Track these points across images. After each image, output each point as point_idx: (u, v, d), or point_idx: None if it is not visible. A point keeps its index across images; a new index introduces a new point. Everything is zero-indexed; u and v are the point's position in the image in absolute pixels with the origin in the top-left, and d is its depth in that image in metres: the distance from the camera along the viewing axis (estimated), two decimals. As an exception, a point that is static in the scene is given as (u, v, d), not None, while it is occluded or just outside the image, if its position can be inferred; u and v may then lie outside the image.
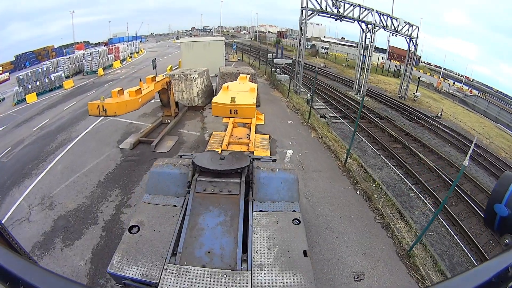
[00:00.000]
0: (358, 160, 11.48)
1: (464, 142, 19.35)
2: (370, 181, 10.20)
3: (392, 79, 39.12)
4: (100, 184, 9.67)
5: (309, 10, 19.28)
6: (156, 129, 13.75)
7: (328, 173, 10.61)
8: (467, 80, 60.83)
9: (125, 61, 40.94)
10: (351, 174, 10.59)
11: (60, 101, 21.79)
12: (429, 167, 14.37)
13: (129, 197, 9.00)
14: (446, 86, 44.26)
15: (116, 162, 11.02)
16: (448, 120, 25.11)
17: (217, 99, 8.12)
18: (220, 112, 7.85)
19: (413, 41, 25.95)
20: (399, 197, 10.72)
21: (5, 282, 0.64)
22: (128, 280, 3.75)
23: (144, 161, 11.03)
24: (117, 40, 68.20)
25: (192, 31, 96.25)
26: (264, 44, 54.53)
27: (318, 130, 13.55)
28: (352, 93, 26.07)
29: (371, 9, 21.85)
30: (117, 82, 27.41)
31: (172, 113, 14.27)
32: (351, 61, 45.56)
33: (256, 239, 4.25)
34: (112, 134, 13.37)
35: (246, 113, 7.81)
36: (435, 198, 11.48)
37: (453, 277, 0.73)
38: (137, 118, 15.10)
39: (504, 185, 1.02)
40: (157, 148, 11.89)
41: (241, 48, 44.74)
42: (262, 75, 26.48)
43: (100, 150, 11.96)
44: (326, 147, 12.41)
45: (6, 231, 1.42)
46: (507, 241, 0.93)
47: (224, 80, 16.25)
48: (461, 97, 38.99)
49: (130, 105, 9.78)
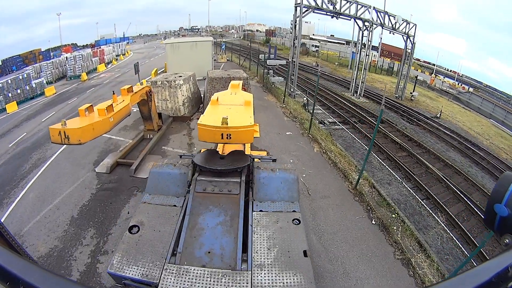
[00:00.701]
0: (369, 180, 9.87)
1: (466, 145, 18.75)
2: (384, 205, 8.79)
3: (386, 77, 37.69)
4: (73, 221, 8.01)
5: (304, 7, 17.50)
6: (137, 146, 11.89)
7: (338, 199, 8.95)
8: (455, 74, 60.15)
9: (110, 64, 38.57)
10: (364, 199, 9.03)
11: (39, 111, 20.02)
12: (437, 177, 13.34)
13: (105, 240, 7.33)
14: (439, 83, 43.10)
15: (91, 191, 9.27)
16: (447, 120, 24.33)
17: (205, 119, 6.22)
18: (208, 136, 6.04)
19: (410, 39, 24.43)
20: (412, 217, 9.58)
21: (5, 282, 0.63)
22: (128, 280, 3.70)
23: (122, 190, 9.25)
24: (104, 42, 66.26)
25: (180, 31, 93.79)
26: (254, 43, 52.53)
27: (321, 143, 11.82)
28: (348, 94, 24.47)
29: (368, 6, 20.23)
30: (100, 88, 25.40)
31: (155, 126, 12.36)
32: (343, 59, 43.97)
33: (256, 239, 4.20)
34: (88, 153, 11.46)
35: (242, 137, 6.02)
36: (447, 213, 10.58)
37: (453, 277, 0.71)
38: (117, 132, 13.20)
39: (504, 185, 0.97)
40: (138, 172, 10.06)
41: (230, 47, 42.71)
42: (254, 77, 24.55)
43: (75, 174, 10.23)
44: (332, 164, 10.71)
45: (6, 231, 1.41)
46: (507, 241, 0.89)
47: (213, 87, 14.40)
48: (455, 94, 37.94)
49: (98, 128, 7.79)
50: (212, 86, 14.28)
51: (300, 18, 17.62)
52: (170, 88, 13.49)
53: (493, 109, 34.81)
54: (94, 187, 9.46)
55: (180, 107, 13.74)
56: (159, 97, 13.64)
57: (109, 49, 40.74)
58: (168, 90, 13.51)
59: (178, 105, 13.71)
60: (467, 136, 20.93)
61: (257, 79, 23.54)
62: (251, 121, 6.16)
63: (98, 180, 9.81)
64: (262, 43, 57.12)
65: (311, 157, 10.98)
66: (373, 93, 26.03)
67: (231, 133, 5.96)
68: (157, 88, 13.53)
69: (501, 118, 32.87)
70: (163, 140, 12.32)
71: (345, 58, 44.50)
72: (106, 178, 9.95)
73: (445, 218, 10.53)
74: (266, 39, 71.12)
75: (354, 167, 10.75)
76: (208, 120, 6.22)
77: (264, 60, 21.90)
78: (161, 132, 12.52)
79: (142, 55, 46.77)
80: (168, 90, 13.52)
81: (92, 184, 9.62)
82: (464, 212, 11.11)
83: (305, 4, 17.42)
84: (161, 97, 13.64)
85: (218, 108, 7.11)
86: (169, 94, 13.57)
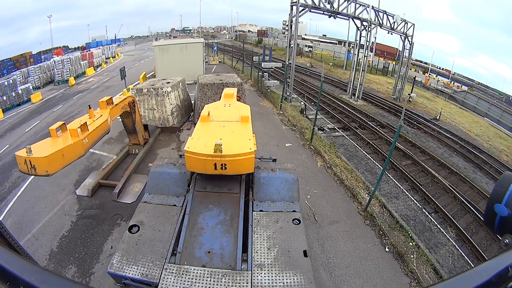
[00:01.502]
0: (380, 199, 8.68)
1: (468, 148, 18.18)
2: (397, 228, 7.79)
3: (382, 77, 36.55)
4: (53, 256, 6.90)
5: (301, 6, 16.16)
6: (122, 162, 10.53)
7: (347, 224, 7.75)
8: (448, 73, 59.70)
9: (100, 67, 36.87)
10: (375, 222, 7.93)
11: (24, 120, 18.58)
12: (443, 186, 12.67)
13: (87, 280, 6.24)
14: (434, 82, 42.20)
15: (72, 219, 8.01)
16: (446, 122, 23.55)
17: (193, 145, 4.89)
18: (198, 166, 4.83)
19: (408, 39, 23.32)
20: (422, 234, 8.82)
21: (5, 282, 0.63)
22: (128, 280, 3.63)
23: (104, 218, 7.97)
24: (95, 44, 64.63)
25: (172, 33, 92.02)
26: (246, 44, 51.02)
27: (324, 156, 10.55)
28: (346, 96, 23.25)
29: (366, 5, 18.98)
30: (87, 93, 23.94)
31: (140, 140, 10.95)
32: (338, 59, 42.74)
33: (256, 239, 4.11)
34: (69, 172, 10.01)
35: (240, 167, 4.85)
36: (456, 226, 10.03)
37: (453, 277, 0.70)
38: (101, 146, 11.80)
39: (504, 185, 0.97)
40: (121, 196, 8.74)
41: (222, 48, 41.21)
42: (247, 80, 23.15)
43: (54, 197, 8.94)
44: (338, 181, 9.45)
45: (6, 231, 1.39)
46: (507, 241, 0.90)
47: (204, 93, 13.02)
48: (450, 93, 37.07)
49: (69, 154, 6.29)
50: (203, 93, 12.91)
51: (297, 17, 16.28)
52: (156, 96, 12.06)
53: (489, 108, 34.35)
54: (75, 214, 8.21)
55: (169, 117, 12.30)
56: (145, 106, 12.21)
57: (98, 52, 38.96)
58: (155, 98, 12.08)
59: (166, 115, 12.27)
60: (468, 139, 20.30)
61: (251, 82, 22.09)
62: (251, 146, 4.85)
63: (79, 205, 8.54)
64: (255, 44, 55.59)
65: (315, 174, 9.69)
66: (371, 95, 24.88)
67: (226, 163, 4.67)
68: (143, 96, 12.10)
69: (497, 117, 32.45)
70: (150, 155, 10.93)
71: (339, 58, 43.30)
72: (87, 202, 8.66)
73: (455, 233, 9.87)
74: (258, 39, 69.92)
75: (362, 183, 9.55)
76: (197, 146, 4.84)
77: (259, 62, 20.49)
78: (147, 147, 11.12)
79: (133, 57, 45.11)
80: (155, 98, 12.09)
81: (73, 210, 8.36)
82: (472, 224, 10.72)
83: (302, 3, 16.10)
84: (147, 106, 12.21)
85: (210, 127, 5.71)
86: (156, 103, 12.13)
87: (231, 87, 11.56)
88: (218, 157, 4.55)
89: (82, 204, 8.57)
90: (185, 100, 13.95)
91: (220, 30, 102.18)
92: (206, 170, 4.69)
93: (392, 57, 53.42)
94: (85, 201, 8.71)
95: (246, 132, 5.46)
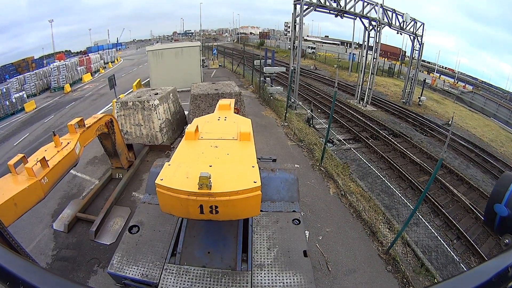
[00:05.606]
0: (404, 236, 6.93)
1: (484, 157, 16.59)
2: (423, 273, 6.22)
3: (388, 79, 34.52)
4: None
5: (305, 4, 14.31)
6: (104, 189, 8.83)
7: (367, 273, 5.99)
8: (451, 72, 57.63)
9: (98, 73, 35.25)
10: (399, 267, 6.23)
11: (16, 131, 17.18)
12: (464, 205, 11.30)
13: None
14: (441, 83, 40.15)
15: (47, 260, 6.53)
16: (458, 127, 21.70)
17: (168, 175, 3.11)
18: (176, 208, 3.26)
19: (418, 39, 21.41)
20: (445, 268, 7.68)
21: (5, 282, 0.62)
22: (128, 280, 3.50)
23: (80, 262, 6.35)
24: (96, 48, 63.30)
25: (174, 36, 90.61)
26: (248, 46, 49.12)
27: (337, 180, 8.72)
28: (354, 101, 21.38)
29: (375, 3, 17.11)
30: (80, 102, 22.36)
31: (124, 163, 9.20)
32: (343, 61, 40.70)
33: (256, 239, 3.94)
34: (48, 199, 8.33)
35: (238, 210, 3.09)
36: (479, 254, 8.94)
37: (453, 277, 0.68)
38: (84, 167, 10.17)
39: (504, 185, 0.94)
40: (100, 234, 7.07)
41: (222, 51, 39.36)
42: (249, 86, 21.34)
43: (31, 231, 7.42)
44: (354, 214, 7.61)
45: (6, 231, 1.41)
46: (507, 241, 0.87)
47: (197, 106, 11.23)
48: (457, 94, 35.11)
49: (24, 201, 4.60)
50: (196, 106, 11.13)
51: (301, 17, 14.41)
52: (143, 110, 10.29)
53: (497, 109, 32.55)
54: (50, 254, 6.71)
55: (157, 133, 10.50)
56: (131, 122, 10.46)
57: (96, 57, 37.35)
58: (141, 112, 10.30)
59: (154, 132, 10.47)
60: (482, 145, 18.64)
61: (253, 88, 20.22)
62: (255, 177, 3.07)
63: (55, 243, 7.00)
64: (256, 46, 53.65)
65: (327, 205, 7.84)
66: (379, 99, 22.99)
67: (218, 205, 2.89)
68: (128, 110, 10.34)
69: (505, 118, 30.72)
70: (134, 180, 9.16)
71: (344, 60, 41.28)
72: (63, 239, 7.10)
73: (479, 262, 8.79)
74: (260, 41, 68.15)
75: (382, 215, 7.75)
76: (174, 178, 3.06)
77: (260, 66, 18.58)
78: (132, 170, 9.34)
79: (132, 62, 43.39)
80: (141, 112, 10.31)
81: (48, 249, 6.86)
82: (495, 249, 9.88)
83: (306, 1, 14.25)
84: (133, 122, 10.44)
85: (197, 148, 3.87)
86: (142, 118, 10.35)
87: (228, 98, 9.80)
88: (205, 195, 2.82)
89: (58, 242, 7.04)
90: (177, 113, 12.13)
91: (222, 32, 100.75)
92: (188, 214, 3.07)
93: (396, 58, 51.46)
94: (62, 237, 7.14)
95: (248, 155, 3.70)
